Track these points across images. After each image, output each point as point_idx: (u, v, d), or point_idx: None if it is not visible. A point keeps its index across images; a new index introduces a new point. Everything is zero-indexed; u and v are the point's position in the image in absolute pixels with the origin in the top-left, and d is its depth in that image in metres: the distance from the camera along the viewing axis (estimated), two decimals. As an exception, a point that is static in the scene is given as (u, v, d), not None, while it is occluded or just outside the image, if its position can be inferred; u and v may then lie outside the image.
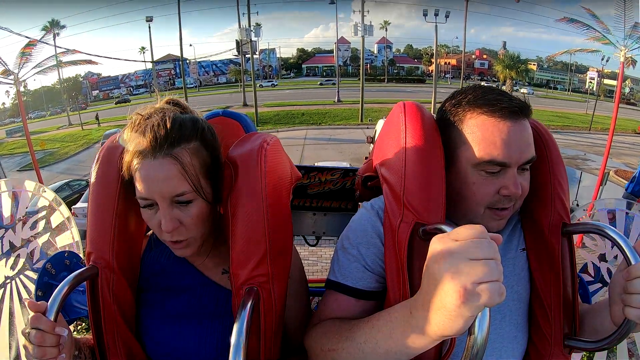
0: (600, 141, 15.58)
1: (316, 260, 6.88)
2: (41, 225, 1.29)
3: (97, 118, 27.18)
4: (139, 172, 0.68)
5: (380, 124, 11.59)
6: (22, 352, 1.11)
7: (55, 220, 1.29)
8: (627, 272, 0.63)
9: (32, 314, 0.62)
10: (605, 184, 7.01)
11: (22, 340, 0.66)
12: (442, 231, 0.56)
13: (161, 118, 0.69)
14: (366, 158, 1.08)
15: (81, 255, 1.17)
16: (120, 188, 0.76)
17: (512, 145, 0.69)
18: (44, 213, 1.30)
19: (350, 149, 16.28)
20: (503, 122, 0.70)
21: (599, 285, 1.22)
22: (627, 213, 1.29)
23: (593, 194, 7.21)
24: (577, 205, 9.27)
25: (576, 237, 0.85)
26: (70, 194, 10.92)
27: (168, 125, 0.68)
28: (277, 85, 44.80)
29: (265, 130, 21.84)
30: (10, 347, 1.13)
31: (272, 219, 0.71)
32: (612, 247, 1.25)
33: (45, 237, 1.27)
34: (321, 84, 43.08)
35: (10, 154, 19.28)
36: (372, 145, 12.65)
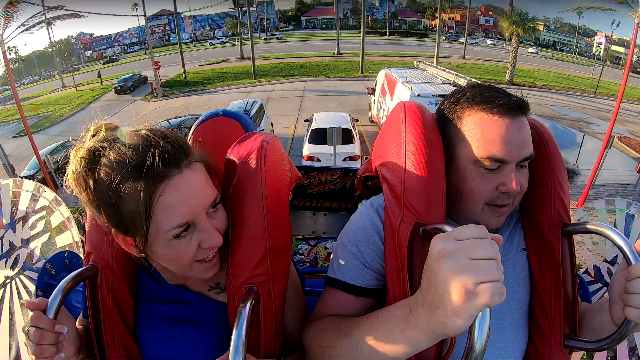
0: (605, 106, 15.33)
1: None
2: (41, 225, 1.29)
3: (99, 76, 26.88)
4: (166, 198, 0.57)
5: (381, 74, 11.41)
6: (22, 351, 1.11)
7: (55, 220, 1.29)
8: (627, 272, 0.63)
9: (31, 313, 0.62)
10: (610, 148, 6.93)
11: (22, 339, 0.66)
12: (443, 231, 0.56)
13: (146, 137, 0.58)
14: (366, 158, 1.08)
15: (81, 255, 1.17)
16: None
17: (510, 141, 0.70)
18: (43, 213, 1.30)
19: (351, 101, 15.93)
20: (501, 119, 0.70)
21: (599, 285, 1.22)
22: (627, 213, 1.29)
23: (596, 159, 7.09)
24: (577, 167, 9.23)
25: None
26: (66, 155, 10.61)
27: (163, 136, 0.59)
28: (281, 38, 43.24)
29: (263, 81, 21.54)
30: (10, 347, 1.13)
31: (272, 219, 0.71)
32: (612, 247, 1.25)
33: (45, 237, 1.27)
34: (265, 39, 41.42)
35: (5, 122, 19.17)
36: (372, 96, 12.46)
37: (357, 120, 10.26)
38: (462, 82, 8.23)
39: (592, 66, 25.24)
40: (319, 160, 8.29)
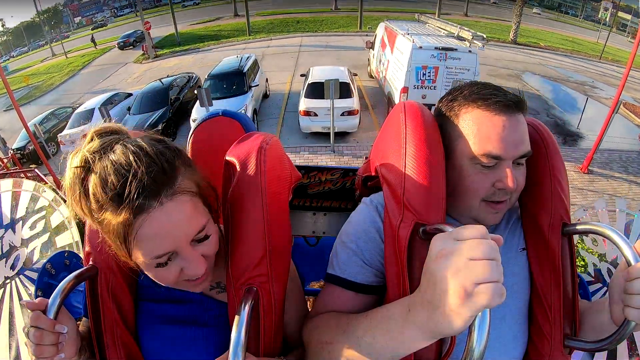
0: (610, 72, 15.05)
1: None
2: (41, 225, 1.29)
3: (92, 40, 26.41)
4: (144, 230, 0.55)
5: (381, 27, 10.87)
6: (22, 351, 1.11)
7: (55, 220, 1.29)
8: (627, 272, 0.63)
9: (31, 313, 0.62)
10: (617, 112, 6.74)
11: (22, 340, 0.66)
12: (443, 231, 0.56)
13: (126, 158, 0.54)
14: (366, 158, 1.08)
15: (81, 255, 1.17)
16: None
17: (506, 138, 0.70)
18: (43, 213, 1.30)
19: (349, 56, 15.45)
20: (498, 116, 0.71)
21: (599, 285, 1.22)
22: (627, 213, 1.29)
23: (602, 123, 6.90)
24: (578, 128, 9.11)
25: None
26: (56, 123, 10.77)
27: (147, 161, 0.55)
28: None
29: (258, 38, 20.94)
30: (10, 347, 1.13)
31: (272, 219, 0.71)
32: (612, 247, 1.25)
33: (45, 237, 1.27)
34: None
35: None
36: (371, 50, 11.95)
37: (356, 75, 9.97)
38: (467, 35, 7.79)
39: (598, 31, 24.47)
40: (316, 115, 8.02)
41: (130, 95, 11.71)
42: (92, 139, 0.59)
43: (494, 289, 0.44)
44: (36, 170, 6.71)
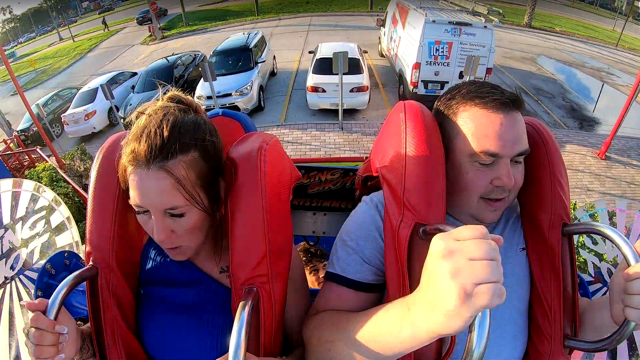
0: (627, 60, 14.74)
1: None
2: (41, 225, 1.29)
3: (104, 22, 26.32)
4: (133, 180, 0.66)
5: (392, 3, 10.50)
6: (22, 352, 1.11)
7: (55, 220, 1.29)
8: (627, 273, 0.63)
9: (31, 313, 0.62)
10: (635, 98, 6.53)
11: (22, 340, 0.66)
12: (443, 231, 0.56)
13: (159, 124, 0.66)
14: (366, 158, 1.08)
15: (81, 255, 1.17)
16: (120, 188, 0.76)
17: (504, 136, 0.71)
18: (43, 213, 1.30)
19: (359, 35, 15.12)
20: (495, 113, 0.72)
21: (599, 285, 1.22)
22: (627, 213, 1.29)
23: (621, 110, 6.67)
24: (594, 113, 8.90)
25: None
26: (61, 104, 10.68)
27: (165, 134, 0.65)
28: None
29: (266, 17, 20.63)
30: (10, 348, 1.13)
31: (272, 219, 0.71)
32: (612, 247, 1.25)
33: (45, 237, 1.27)
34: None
35: (3, 82, 18.75)
36: (382, 28, 11.55)
37: (366, 52, 9.63)
38: (483, 9, 7.48)
39: (614, 19, 23.75)
40: (324, 91, 7.74)
41: (135, 74, 11.55)
42: (159, 100, 0.76)
43: (494, 290, 0.44)
44: (38, 150, 6.64)
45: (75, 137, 9.61)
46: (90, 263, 0.75)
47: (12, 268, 1.22)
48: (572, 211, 1.47)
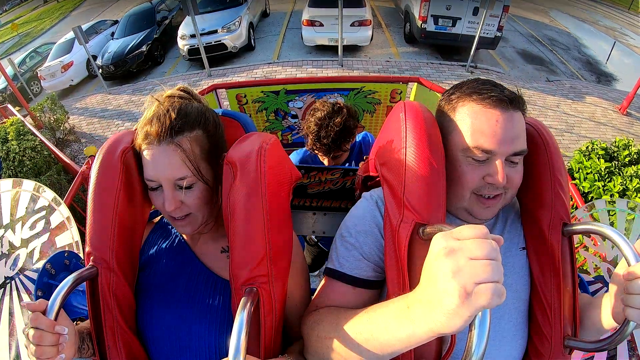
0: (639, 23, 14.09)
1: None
2: (41, 225, 1.29)
3: None
4: (146, 156, 0.75)
5: None
6: (22, 352, 1.11)
7: (55, 220, 1.29)
8: (627, 272, 0.63)
9: (31, 314, 0.62)
10: None
11: (22, 340, 0.67)
12: (443, 231, 0.56)
13: (167, 109, 0.76)
14: (366, 158, 1.08)
15: (81, 255, 1.17)
16: (121, 188, 0.76)
17: (499, 134, 0.71)
18: (43, 213, 1.30)
19: None
20: (491, 110, 0.72)
21: (599, 285, 1.22)
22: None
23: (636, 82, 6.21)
24: (606, 64, 8.62)
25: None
26: (39, 60, 9.90)
27: (173, 116, 0.75)
28: None
29: None
30: (10, 347, 1.13)
31: (272, 219, 0.71)
32: (612, 247, 1.25)
33: (45, 237, 1.27)
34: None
35: None
36: None
37: None
38: None
39: None
40: (321, 25, 7.00)
41: (116, 22, 10.47)
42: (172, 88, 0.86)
43: (494, 290, 0.44)
44: (8, 105, 6.09)
45: (54, 92, 8.62)
46: (90, 263, 0.75)
47: (12, 268, 1.22)
48: (572, 211, 1.47)
